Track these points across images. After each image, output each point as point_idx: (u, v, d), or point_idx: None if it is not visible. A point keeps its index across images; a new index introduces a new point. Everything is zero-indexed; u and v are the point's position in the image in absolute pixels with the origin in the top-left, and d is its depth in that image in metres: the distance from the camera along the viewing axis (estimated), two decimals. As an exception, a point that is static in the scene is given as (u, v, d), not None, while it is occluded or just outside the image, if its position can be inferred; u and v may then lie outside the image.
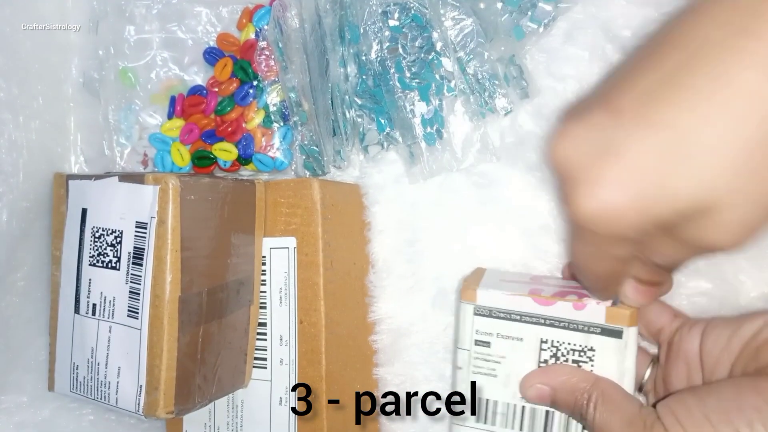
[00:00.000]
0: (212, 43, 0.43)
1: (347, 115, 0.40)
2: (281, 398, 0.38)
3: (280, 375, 0.38)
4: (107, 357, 0.35)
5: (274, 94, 0.42)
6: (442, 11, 0.38)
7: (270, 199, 0.39)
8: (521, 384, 0.33)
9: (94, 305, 0.36)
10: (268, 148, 0.42)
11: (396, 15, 0.39)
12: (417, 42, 0.39)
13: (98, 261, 0.35)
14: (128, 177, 0.35)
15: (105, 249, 0.35)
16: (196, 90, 0.43)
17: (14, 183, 0.40)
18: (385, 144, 0.41)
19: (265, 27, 0.41)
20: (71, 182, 0.38)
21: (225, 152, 0.42)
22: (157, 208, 0.33)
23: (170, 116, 0.43)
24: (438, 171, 0.39)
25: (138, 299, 0.33)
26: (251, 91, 0.42)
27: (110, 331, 0.35)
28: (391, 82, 0.39)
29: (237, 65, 0.42)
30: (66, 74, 0.45)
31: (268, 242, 0.39)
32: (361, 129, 0.41)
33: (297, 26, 0.40)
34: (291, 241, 0.38)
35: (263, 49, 0.41)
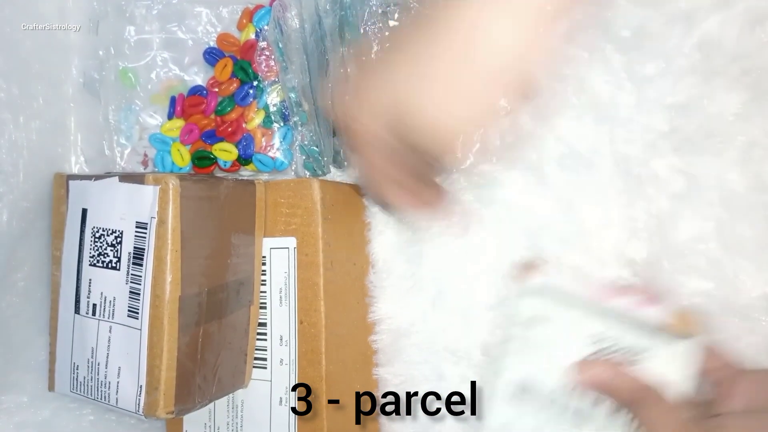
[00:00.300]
0: (212, 44, 0.43)
1: (347, 116, 0.40)
2: (281, 398, 0.38)
3: (280, 375, 0.38)
4: (107, 357, 0.35)
5: (275, 95, 0.42)
6: (442, 11, 0.38)
7: (270, 200, 0.39)
8: (580, 365, 0.32)
9: (95, 305, 0.36)
10: (268, 149, 0.42)
11: (396, 15, 0.39)
12: (417, 42, 0.39)
13: (98, 261, 0.36)
14: (128, 177, 0.35)
15: (105, 249, 0.35)
16: (197, 90, 0.43)
17: (14, 183, 0.40)
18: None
19: (266, 27, 0.41)
20: (71, 182, 0.38)
21: (225, 152, 0.42)
22: (158, 209, 0.33)
23: (170, 116, 0.43)
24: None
25: (138, 299, 0.33)
26: (251, 92, 0.42)
27: (110, 331, 0.35)
28: (391, 83, 0.39)
29: (237, 65, 0.42)
30: (66, 74, 0.45)
31: (268, 242, 0.39)
32: (361, 129, 0.41)
33: (297, 26, 0.40)
34: (291, 242, 0.38)
35: (263, 50, 0.41)
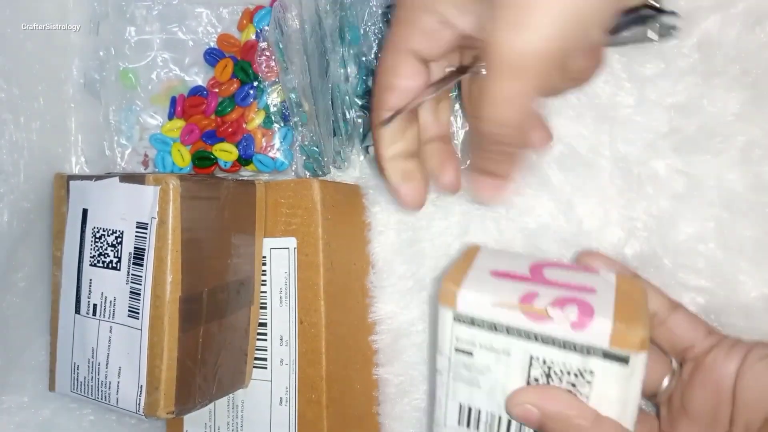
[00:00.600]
0: (213, 44, 0.43)
1: (347, 116, 0.40)
2: (281, 398, 0.38)
3: (281, 375, 0.38)
4: (108, 357, 0.35)
5: (275, 95, 0.42)
6: (442, 12, 0.38)
7: (270, 200, 0.39)
8: (509, 398, 0.29)
9: (95, 305, 0.36)
10: (269, 149, 0.42)
11: (396, 16, 0.39)
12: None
13: (99, 261, 0.36)
14: (129, 177, 0.35)
15: (106, 249, 0.35)
16: (197, 91, 0.43)
17: (15, 183, 0.40)
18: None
19: (266, 28, 0.42)
20: (72, 183, 0.38)
21: (225, 153, 0.42)
22: (158, 209, 0.33)
23: (171, 117, 0.43)
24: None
25: (138, 299, 0.34)
26: (252, 92, 0.42)
27: (111, 332, 0.35)
28: (392, 83, 0.39)
29: (237, 66, 0.42)
30: (67, 75, 0.45)
31: (269, 242, 0.39)
32: (362, 130, 0.41)
33: (297, 27, 0.40)
34: (291, 242, 0.38)
35: (264, 50, 0.41)
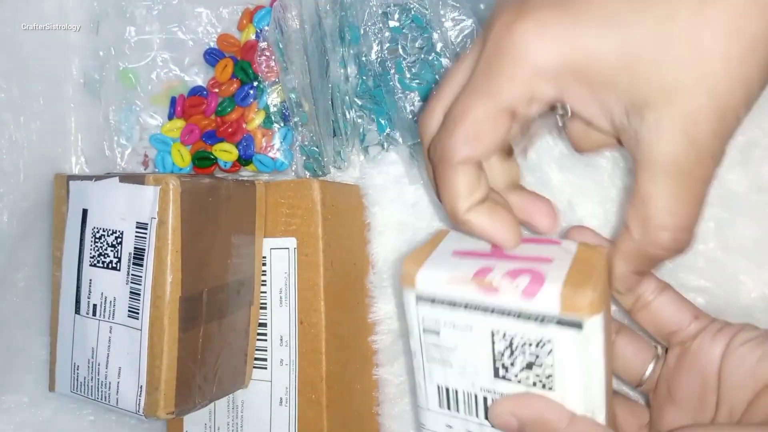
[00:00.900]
0: (213, 44, 0.43)
1: (347, 116, 0.40)
2: (281, 398, 0.38)
3: (281, 375, 0.38)
4: (108, 357, 0.35)
5: (275, 95, 0.42)
6: (442, 12, 0.38)
7: (270, 200, 0.39)
8: (490, 409, 0.29)
9: (95, 306, 0.36)
10: (269, 149, 0.42)
11: (396, 16, 0.39)
12: (417, 43, 0.39)
13: (99, 261, 0.36)
14: (129, 178, 0.35)
15: (105, 249, 0.35)
16: (197, 91, 0.43)
17: (15, 183, 0.40)
18: (386, 145, 0.41)
19: (266, 28, 0.42)
20: (72, 183, 0.38)
21: (225, 153, 0.42)
22: (158, 209, 0.33)
23: (171, 117, 0.43)
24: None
25: (138, 300, 0.34)
26: (252, 92, 0.42)
27: (111, 332, 0.35)
28: (392, 83, 0.39)
29: (237, 66, 0.42)
30: (66, 75, 0.45)
31: (269, 243, 0.39)
32: (362, 130, 0.41)
33: (297, 27, 0.40)
34: (291, 242, 0.38)
35: (264, 50, 0.41)
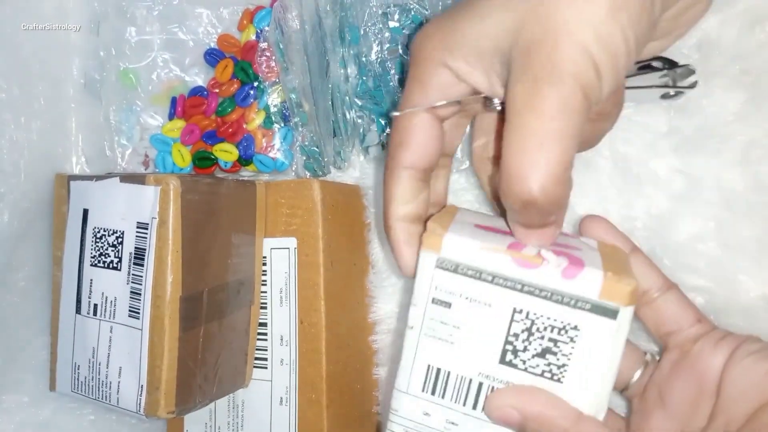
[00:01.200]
0: (213, 45, 0.43)
1: (348, 116, 0.41)
2: (282, 398, 0.38)
3: (281, 375, 0.38)
4: (108, 357, 0.35)
5: (275, 95, 0.42)
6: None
7: (270, 200, 0.39)
8: (488, 401, 0.27)
9: (96, 305, 0.36)
10: (269, 149, 0.42)
11: (396, 16, 0.39)
12: (417, 43, 0.39)
13: (99, 261, 0.36)
14: (129, 178, 0.35)
15: (106, 249, 0.35)
16: (197, 91, 0.43)
17: (15, 183, 0.40)
18: (386, 145, 0.41)
19: (266, 28, 0.42)
20: (72, 183, 0.38)
21: (226, 153, 0.42)
22: (158, 209, 0.33)
23: (171, 117, 0.43)
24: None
25: (139, 299, 0.34)
26: (252, 92, 0.42)
27: (111, 332, 0.35)
28: (392, 83, 0.39)
29: (238, 66, 0.42)
30: (67, 75, 0.45)
31: (269, 243, 0.39)
32: (362, 130, 0.41)
33: (297, 27, 0.40)
34: (291, 242, 0.38)
35: (264, 51, 0.41)
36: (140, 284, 0.34)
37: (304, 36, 0.40)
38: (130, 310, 0.34)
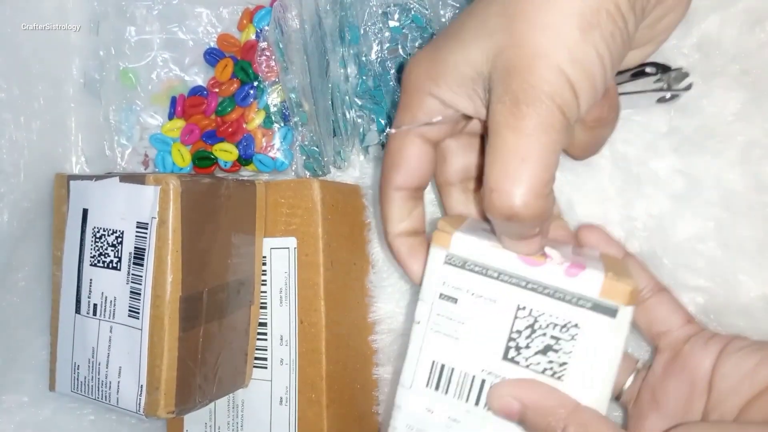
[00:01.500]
0: (213, 44, 0.43)
1: (347, 116, 0.40)
2: (281, 398, 0.38)
3: (281, 375, 0.38)
4: (108, 357, 0.35)
5: (275, 95, 0.42)
6: (442, 12, 0.38)
7: (270, 200, 0.39)
8: (490, 392, 0.28)
9: (95, 305, 0.36)
10: (269, 149, 0.42)
11: (396, 16, 0.39)
12: (417, 43, 0.39)
13: (99, 261, 0.36)
14: (129, 177, 0.35)
15: (106, 249, 0.35)
16: (197, 91, 0.43)
17: (15, 183, 0.40)
18: (384, 146, 0.41)
19: (266, 28, 0.42)
20: (72, 183, 0.38)
21: (225, 153, 0.42)
22: (158, 209, 0.33)
23: (171, 117, 0.43)
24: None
25: (139, 299, 0.34)
26: (252, 92, 0.42)
27: (111, 331, 0.35)
28: (392, 83, 0.39)
29: (237, 66, 0.42)
30: (67, 75, 0.45)
31: (269, 242, 0.39)
32: (362, 129, 0.41)
33: (297, 27, 0.40)
34: (291, 242, 0.38)
35: (264, 50, 0.41)
36: (140, 284, 0.34)
37: (304, 35, 0.40)
38: (130, 310, 0.34)
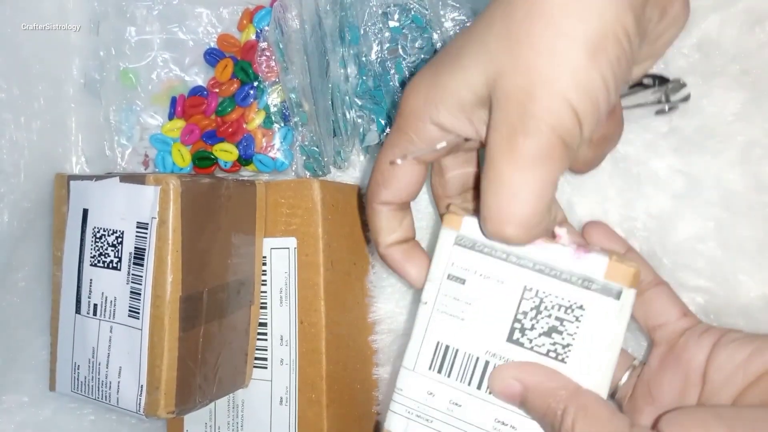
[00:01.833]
0: (213, 44, 0.43)
1: (347, 116, 0.40)
2: (281, 398, 0.38)
3: (281, 375, 0.38)
4: (108, 357, 0.35)
5: (275, 95, 0.42)
6: (442, 12, 0.38)
7: (270, 200, 0.39)
8: (492, 375, 0.28)
9: (95, 305, 0.36)
10: (269, 149, 0.42)
11: (396, 16, 0.39)
12: (417, 43, 0.39)
13: (99, 261, 0.36)
14: (129, 177, 0.35)
15: (106, 249, 0.35)
16: (197, 91, 0.43)
17: (15, 183, 0.40)
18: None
19: (266, 28, 0.42)
20: (72, 183, 0.38)
21: (226, 153, 0.42)
22: (158, 209, 0.33)
23: (171, 117, 0.43)
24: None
25: (139, 299, 0.34)
26: (252, 92, 0.42)
27: (111, 331, 0.35)
28: (392, 83, 0.39)
29: (238, 66, 0.42)
30: (67, 75, 0.45)
31: (269, 242, 0.39)
32: (362, 129, 0.41)
33: (297, 27, 0.40)
34: (291, 242, 0.38)
35: (264, 50, 0.41)
36: (140, 284, 0.34)
37: (304, 36, 0.40)
38: (130, 310, 0.34)
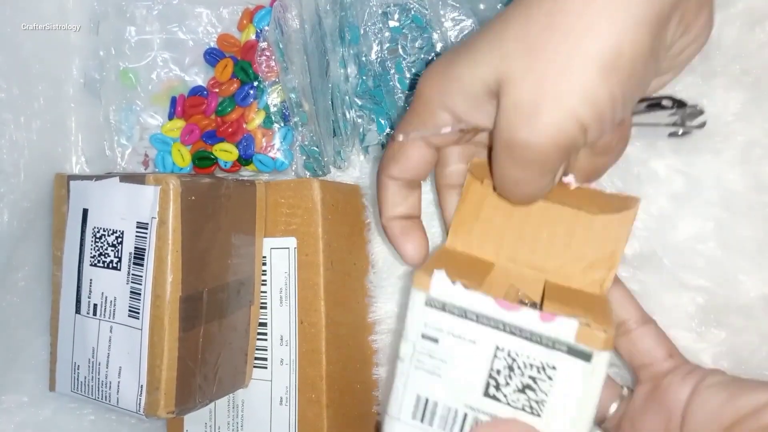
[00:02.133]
0: (213, 44, 0.43)
1: (347, 116, 0.40)
2: (281, 398, 0.38)
3: (281, 375, 0.38)
4: (108, 357, 0.35)
5: (275, 95, 0.42)
6: (442, 12, 0.38)
7: (270, 200, 0.39)
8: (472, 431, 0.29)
9: (95, 305, 0.36)
10: (269, 149, 0.42)
11: (396, 16, 0.39)
12: (417, 43, 0.39)
13: (99, 261, 0.36)
14: (129, 177, 0.35)
15: (106, 249, 0.35)
16: (197, 91, 0.43)
17: (15, 183, 0.40)
18: (386, 144, 0.41)
19: (266, 28, 0.42)
20: (72, 183, 0.38)
21: (225, 153, 0.42)
22: (158, 209, 0.33)
23: (171, 117, 0.43)
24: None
25: (139, 299, 0.34)
26: (252, 92, 0.42)
27: (111, 331, 0.35)
28: (392, 83, 0.39)
29: (237, 66, 0.42)
30: (67, 75, 0.45)
31: (269, 242, 0.39)
32: (362, 129, 0.41)
33: (297, 27, 0.40)
34: (291, 242, 0.38)
35: (264, 50, 0.41)
36: (140, 284, 0.34)
37: (304, 35, 0.40)
38: (130, 310, 0.34)
